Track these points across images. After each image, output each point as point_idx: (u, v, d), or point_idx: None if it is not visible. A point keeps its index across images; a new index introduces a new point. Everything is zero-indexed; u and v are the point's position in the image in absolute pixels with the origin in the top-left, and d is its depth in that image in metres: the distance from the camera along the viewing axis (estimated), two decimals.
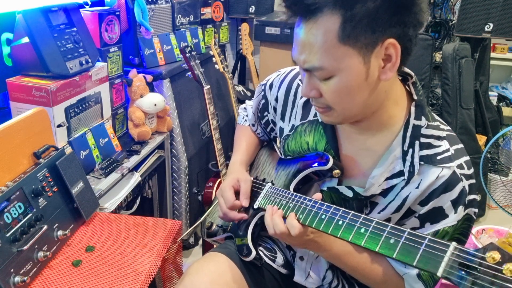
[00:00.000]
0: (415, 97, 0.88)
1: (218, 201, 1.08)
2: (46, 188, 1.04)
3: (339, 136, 0.96)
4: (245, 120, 1.26)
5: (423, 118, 0.87)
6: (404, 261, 0.68)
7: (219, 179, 2.02)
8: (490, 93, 2.82)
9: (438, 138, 0.87)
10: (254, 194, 1.05)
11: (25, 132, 1.08)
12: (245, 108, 1.27)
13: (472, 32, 2.37)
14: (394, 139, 0.87)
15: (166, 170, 1.89)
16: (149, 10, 1.83)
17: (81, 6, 1.49)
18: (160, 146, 1.80)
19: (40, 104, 1.25)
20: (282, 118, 1.07)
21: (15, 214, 0.93)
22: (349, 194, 0.92)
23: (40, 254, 0.96)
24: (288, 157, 1.04)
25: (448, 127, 0.91)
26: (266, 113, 1.15)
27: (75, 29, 1.40)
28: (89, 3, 1.54)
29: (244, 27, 2.48)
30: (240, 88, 2.72)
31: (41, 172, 1.04)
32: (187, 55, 1.82)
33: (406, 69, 0.89)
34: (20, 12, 1.25)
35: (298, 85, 1.04)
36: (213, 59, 2.12)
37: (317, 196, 0.87)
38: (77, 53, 1.37)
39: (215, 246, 1.15)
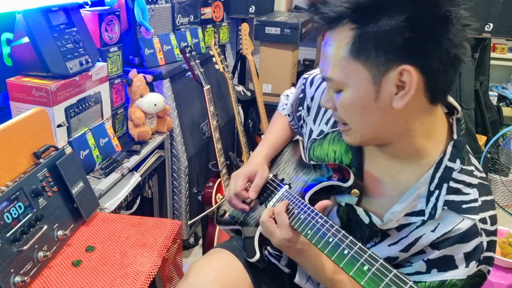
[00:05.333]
0: (455, 136, 0.82)
1: (229, 186, 1.07)
2: (46, 188, 1.04)
3: (365, 154, 0.93)
4: (284, 108, 1.23)
5: (458, 161, 0.82)
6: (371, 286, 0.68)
7: (219, 179, 2.02)
8: (490, 93, 2.82)
9: (469, 185, 0.82)
10: (269, 193, 1.05)
11: (25, 132, 1.08)
12: (287, 96, 1.24)
13: (472, 32, 2.37)
14: (422, 175, 0.82)
15: (166, 170, 1.89)
16: (149, 10, 1.83)
17: (81, 6, 1.49)
18: (160, 146, 1.80)
19: (40, 104, 1.25)
20: (314, 120, 1.05)
21: (15, 214, 0.93)
22: (366, 220, 0.89)
23: (40, 254, 0.96)
24: (311, 162, 1.03)
25: (483, 175, 0.85)
26: (300, 108, 1.12)
27: (75, 29, 1.40)
28: (89, 3, 1.54)
29: (244, 27, 2.48)
30: (240, 88, 2.72)
31: (41, 172, 1.04)
32: (187, 55, 1.82)
33: (454, 102, 0.84)
34: (20, 12, 1.25)
35: None
36: (213, 59, 2.12)
37: (324, 203, 0.87)
38: (77, 53, 1.37)
39: (215, 244, 1.16)
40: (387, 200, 0.87)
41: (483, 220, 0.80)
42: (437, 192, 0.82)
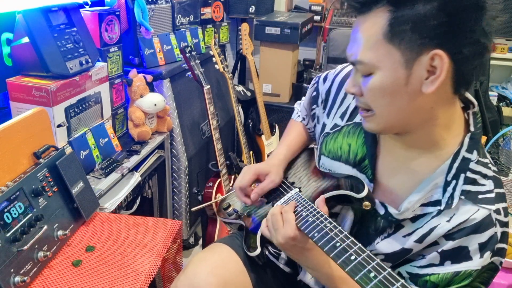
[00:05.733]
0: (472, 128, 0.84)
1: (238, 177, 1.08)
2: (46, 188, 1.04)
3: (380, 146, 0.93)
4: (298, 115, 1.24)
5: (475, 152, 0.83)
6: None
7: (219, 179, 2.02)
8: (490, 93, 2.81)
9: (485, 176, 0.83)
10: (278, 194, 1.05)
11: (25, 132, 1.08)
12: (300, 103, 1.25)
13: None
14: (438, 166, 0.83)
15: (166, 170, 1.89)
16: (149, 10, 1.83)
17: (81, 6, 1.49)
18: (160, 146, 1.80)
19: (40, 104, 1.25)
20: (328, 114, 1.05)
21: (15, 214, 0.93)
22: (381, 211, 0.90)
23: (40, 254, 0.96)
24: (325, 170, 1.02)
25: (495, 168, 0.87)
26: (314, 107, 1.12)
27: (75, 29, 1.40)
28: (89, 3, 1.54)
29: (244, 27, 2.48)
30: (240, 88, 2.72)
31: (41, 172, 1.04)
32: (187, 55, 1.82)
33: (470, 97, 0.86)
34: (20, 12, 1.25)
35: None
36: (213, 59, 2.12)
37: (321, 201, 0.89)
38: (77, 53, 1.37)
39: (216, 239, 1.16)
40: (403, 190, 0.88)
41: (497, 211, 0.82)
42: (454, 182, 0.83)
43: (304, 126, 1.22)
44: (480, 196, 0.82)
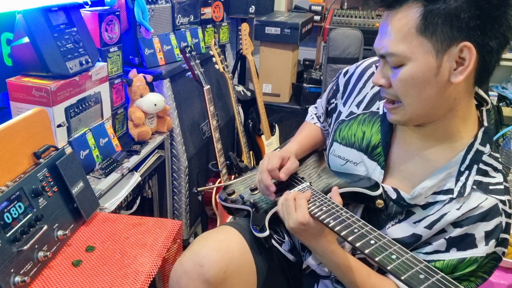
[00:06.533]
0: (485, 123, 0.88)
1: (262, 162, 1.08)
2: (46, 188, 1.04)
3: (396, 135, 0.96)
4: (312, 118, 1.27)
5: (488, 145, 0.87)
6: (395, 273, 0.69)
7: (219, 179, 2.02)
8: (490, 93, 2.81)
9: (495, 169, 0.88)
10: (289, 187, 1.05)
11: (25, 132, 1.08)
12: (316, 107, 1.28)
13: None
14: (452, 157, 0.87)
15: (166, 170, 1.89)
16: (149, 10, 1.83)
17: (81, 6, 1.49)
18: (160, 146, 1.80)
19: (40, 104, 1.25)
20: (345, 103, 1.08)
21: (15, 214, 0.93)
22: (393, 195, 0.92)
23: (40, 254, 0.96)
24: (335, 170, 1.05)
25: (502, 165, 0.92)
26: (333, 100, 1.14)
27: (75, 29, 1.40)
28: (89, 3, 1.54)
29: (244, 27, 2.48)
30: (240, 88, 2.72)
31: (41, 172, 1.04)
32: (187, 55, 1.82)
33: (484, 95, 0.90)
34: (20, 12, 1.25)
35: (373, 73, 1.04)
36: (213, 59, 2.12)
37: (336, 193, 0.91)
38: (77, 53, 1.37)
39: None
40: (416, 178, 0.90)
41: (504, 202, 0.86)
42: (467, 172, 0.86)
43: (318, 128, 1.23)
44: (490, 187, 0.86)
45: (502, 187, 0.87)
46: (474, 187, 0.85)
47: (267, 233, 0.99)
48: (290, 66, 2.60)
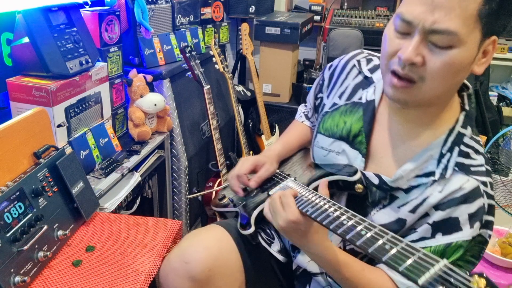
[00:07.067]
0: (466, 107, 0.90)
1: (236, 165, 1.11)
2: (46, 188, 1.04)
3: (377, 121, 0.96)
4: (300, 116, 1.27)
5: (469, 128, 0.88)
6: (391, 265, 0.67)
7: (219, 179, 2.02)
8: (490, 93, 2.82)
9: (477, 152, 0.88)
10: (273, 183, 1.06)
11: (25, 132, 1.08)
12: (305, 105, 1.28)
13: None
14: (434, 140, 0.87)
15: (166, 170, 1.89)
16: (149, 10, 1.83)
17: (81, 6, 1.49)
18: (160, 146, 1.80)
19: (40, 104, 1.25)
20: (328, 95, 1.08)
21: (15, 214, 0.93)
22: (375, 181, 0.92)
23: (40, 254, 0.96)
24: (319, 162, 1.05)
25: (483, 149, 0.93)
26: (320, 95, 1.14)
27: (75, 29, 1.40)
28: (89, 3, 1.53)
29: (244, 27, 2.48)
30: (240, 88, 2.72)
31: (41, 172, 1.04)
32: (187, 55, 1.82)
33: (465, 81, 0.90)
34: (20, 12, 1.25)
35: (354, 65, 1.04)
36: (213, 59, 2.12)
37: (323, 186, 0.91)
38: (77, 53, 1.37)
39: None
40: (398, 163, 0.91)
41: (485, 184, 0.85)
42: (448, 154, 0.86)
43: (306, 126, 1.23)
44: (472, 169, 0.86)
45: (483, 168, 0.87)
46: (456, 168, 0.85)
47: (252, 229, 1.00)
48: (290, 66, 2.60)
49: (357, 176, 0.92)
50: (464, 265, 0.85)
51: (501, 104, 3.07)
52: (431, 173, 0.87)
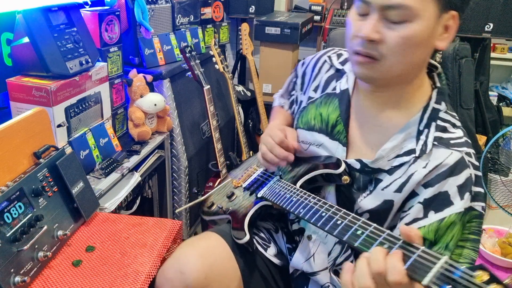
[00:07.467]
0: (438, 84, 0.92)
1: (265, 140, 1.03)
2: (46, 188, 1.04)
3: (352, 109, 0.98)
4: (280, 104, 1.29)
5: (443, 103, 0.90)
6: None
7: (219, 179, 2.02)
8: (490, 93, 2.81)
9: (454, 125, 0.90)
10: (259, 184, 1.06)
11: (25, 132, 1.08)
12: (279, 93, 1.31)
13: (472, 32, 2.37)
14: (408, 120, 0.89)
15: (166, 170, 1.89)
16: (149, 10, 1.83)
17: (81, 6, 1.49)
18: (160, 146, 1.80)
19: (40, 104, 1.25)
20: (304, 92, 1.10)
21: (15, 214, 0.93)
22: (357, 166, 0.93)
23: (40, 254, 0.96)
24: (300, 156, 1.05)
25: (460, 122, 0.94)
26: (293, 92, 1.17)
27: (75, 29, 1.40)
28: (89, 3, 1.53)
29: (244, 27, 2.48)
30: (240, 88, 2.72)
31: (41, 172, 1.04)
32: (187, 55, 1.82)
33: (433, 62, 0.93)
34: (20, 12, 1.25)
35: (325, 61, 1.08)
36: (213, 59, 2.12)
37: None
38: (77, 53, 1.37)
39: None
40: (377, 146, 0.92)
41: (469, 154, 0.86)
42: (426, 130, 0.88)
43: (287, 112, 1.25)
44: (452, 142, 0.87)
45: (463, 140, 0.87)
46: (436, 143, 0.86)
47: (247, 237, 0.99)
48: (290, 66, 2.59)
49: (342, 168, 0.93)
50: (464, 244, 0.85)
51: (501, 104, 3.07)
52: (412, 151, 0.88)
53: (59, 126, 1.30)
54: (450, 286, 0.60)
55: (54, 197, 1.06)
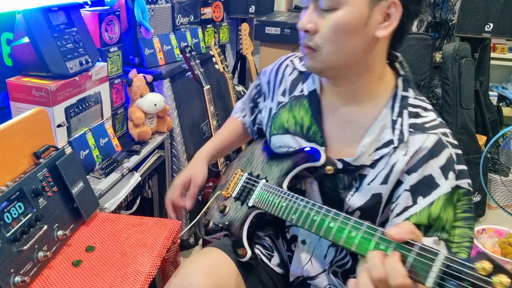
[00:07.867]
0: (402, 72, 0.92)
1: (172, 185, 1.13)
2: (46, 188, 1.04)
3: (323, 109, 0.98)
4: (236, 112, 1.29)
5: (410, 90, 0.91)
6: None
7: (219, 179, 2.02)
8: (490, 93, 2.82)
9: (425, 109, 0.90)
10: (248, 191, 1.05)
11: (25, 132, 1.08)
12: (241, 101, 1.30)
13: (472, 32, 2.37)
14: (381, 111, 0.90)
15: (166, 170, 1.89)
16: (149, 10, 1.83)
17: (81, 6, 1.49)
18: (160, 146, 1.80)
19: (40, 104, 1.25)
20: (272, 98, 1.10)
21: (15, 214, 0.93)
22: (339, 165, 0.93)
23: (40, 254, 0.96)
24: (280, 151, 1.05)
25: (431, 104, 0.95)
26: (259, 100, 1.17)
27: (75, 29, 1.40)
28: (89, 3, 1.54)
29: (244, 27, 2.48)
30: (240, 88, 2.72)
31: (41, 172, 1.04)
32: (187, 55, 1.82)
33: (394, 53, 0.93)
34: (20, 12, 1.25)
35: (287, 65, 1.09)
36: (213, 59, 2.12)
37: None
38: (77, 53, 1.37)
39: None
40: (354, 143, 0.92)
41: (445, 134, 0.87)
42: (400, 119, 0.89)
43: (239, 122, 1.25)
44: (426, 125, 0.88)
45: (437, 122, 0.88)
46: (411, 130, 0.87)
47: (249, 254, 0.97)
48: None
49: (323, 158, 0.93)
50: (462, 224, 0.84)
51: (501, 104, 3.08)
52: (390, 142, 0.88)
53: (59, 126, 1.30)
54: (455, 283, 0.59)
55: (54, 197, 1.06)
